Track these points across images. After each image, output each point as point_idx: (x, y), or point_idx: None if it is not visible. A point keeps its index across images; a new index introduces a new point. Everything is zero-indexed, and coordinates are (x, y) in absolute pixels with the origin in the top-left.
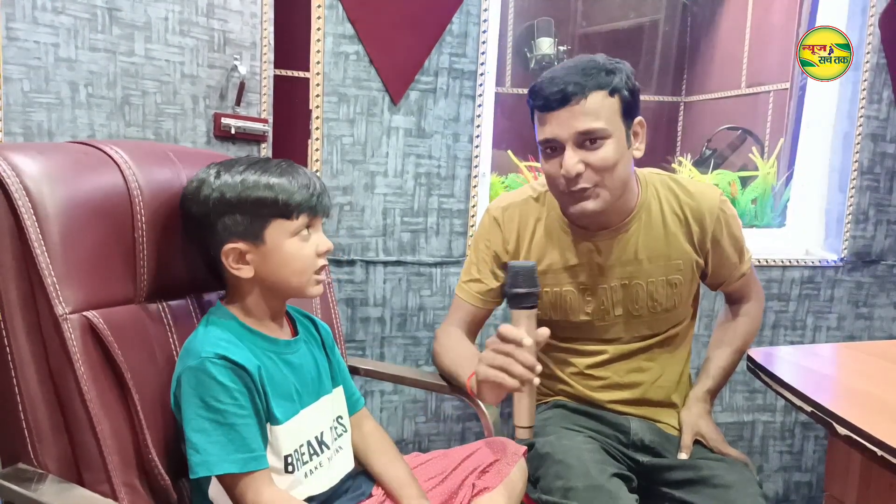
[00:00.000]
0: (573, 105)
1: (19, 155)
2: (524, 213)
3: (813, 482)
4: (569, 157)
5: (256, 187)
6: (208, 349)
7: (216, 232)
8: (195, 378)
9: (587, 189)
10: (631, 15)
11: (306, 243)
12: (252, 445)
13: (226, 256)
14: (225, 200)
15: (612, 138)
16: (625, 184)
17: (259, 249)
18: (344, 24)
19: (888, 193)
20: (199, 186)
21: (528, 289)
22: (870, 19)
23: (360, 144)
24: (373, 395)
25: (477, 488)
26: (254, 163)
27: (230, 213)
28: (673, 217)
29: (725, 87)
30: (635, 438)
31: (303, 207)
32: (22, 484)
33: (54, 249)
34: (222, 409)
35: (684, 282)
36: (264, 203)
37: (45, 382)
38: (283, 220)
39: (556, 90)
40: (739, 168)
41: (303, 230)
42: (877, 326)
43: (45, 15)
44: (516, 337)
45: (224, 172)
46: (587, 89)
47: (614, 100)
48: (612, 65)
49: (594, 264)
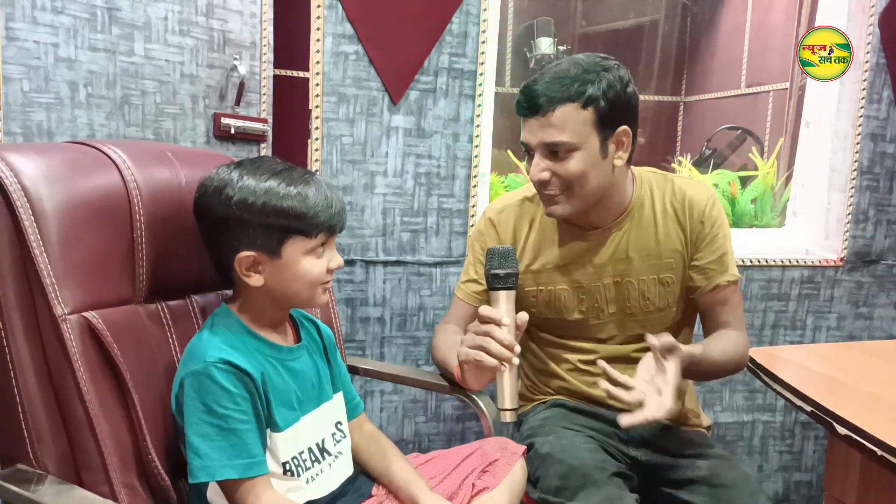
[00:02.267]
0: (540, 116)
1: (18, 155)
2: (519, 214)
3: (813, 482)
4: (535, 165)
5: (280, 200)
6: (213, 353)
7: (233, 236)
8: (199, 382)
9: (555, 195)
10: (631, 15)
11: (320, 260)
12: (253, 451)
13: (239, 263)
14: (247, 206)
15: (579, 151)
16: (600, 191)
17: (274, 262)
18: (343, 24)
19: (888, 193)
20: (223, 187)
21: (506, 269)
22: (870, 19)
23: (359, 144)
24: (373, 395)
25: (477, 488)
26: (278, 172)
27: (250, 221)
28: (664, 216)
29: (725, 86)
30: (634, 434)
31: (323, 227)
32: (21, 485)
33: (53, 250)
34: (225, 415)
35: (676, 280)
36: (287, 218)
37: (44, 383)
38: (302, 237)
39: (527, 99)
40: (739, 168)
41: (319, 248)
42: (877, 326)
43: (45, 15)
44: (494, 317)
45: (248, 176)
46: (555, 102)
47: (587, 112)
48: (593, 75)
49: (587, 263)
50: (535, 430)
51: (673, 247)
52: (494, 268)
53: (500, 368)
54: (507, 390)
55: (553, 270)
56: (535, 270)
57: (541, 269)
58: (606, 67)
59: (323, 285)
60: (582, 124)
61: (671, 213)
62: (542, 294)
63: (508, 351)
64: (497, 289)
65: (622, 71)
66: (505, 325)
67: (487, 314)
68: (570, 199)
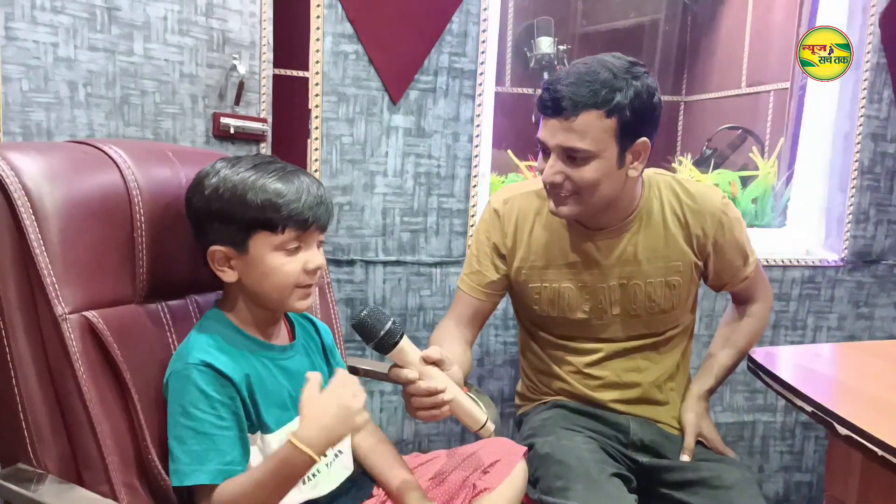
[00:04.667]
0: (563, 119)
1: (19, 154)
2: (524, 207)
3: (813, 482)
4: (549, 166)
5: (246, 191)
6: (195, 355)
7: (207, 229)
8: (179, 383)
9: (564, 196)
10: (631, 14)
11: (292, 258)
12: (227, 457)
13: (211, 257)
14: (216, 197)
15: (597, 159)
16: (609, 199)
17: (242, 258)
18: (343, 24)
19: (888, 193)
20: (201, 179)
21: (382, 328)
22: (870, 19)
23: (359, 144)
24: (373, 395)
25: (478, 489)
26: (256, 165)
27: (218, 213)
28: (674, 219)
29: (726, 86)
30: (635, 438)
31: (290, 222)
32: (21, 484)
33: (53, 249)
34: (200, 418)
35: (683, 283)
36: (250, 210)
37: (44, 382)
38: (268, 232)
39: (552, 98)
40: (740, 168)
41: (290, 244)
42: (877, 326)
43: (44, 14)
44: (404, 379)
45: (226, 169)
46: (580, 107)
47: (610, 121)
48: (622, 81)
49: (593, 263)
50: (536, 430)
51: (681, 249)
52: (370, 336)
53: (443, 414)
54: (468, 416)
55: (558, 268)
56: (540, 267)
57: (546, 266)
58: (636, 75)
59: (301, 288)
60: (603, 132)
61: (680, 215)
62: (545, 291)
63: (435, 394)
64: (389, 350)
65: (650, 79)
66: (414, 379)
67: (396, 378)
68: (578, 203)
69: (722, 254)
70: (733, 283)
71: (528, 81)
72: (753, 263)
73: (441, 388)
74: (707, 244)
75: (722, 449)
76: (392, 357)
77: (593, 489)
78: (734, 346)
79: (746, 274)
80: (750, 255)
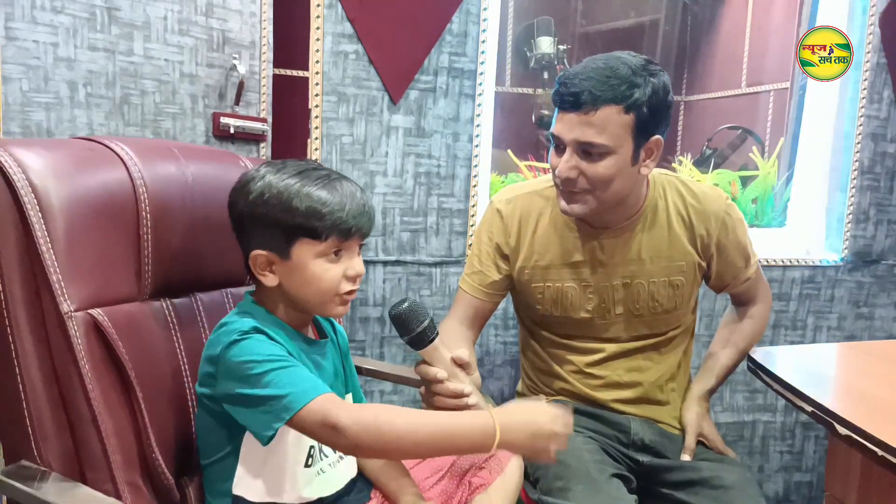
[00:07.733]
0: (582, 113)
1: (25, 150)
2: (527, 206)
3: (813, 482)
4: (565, 161)
5: (291, 197)
6: (247, 326)
7: (250, 233)
8: (239, 349)
9: (577, 193)
10: (631, 14)
11: (335, 265)
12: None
13: (253, 261)
14: (261, 202)
15: (613, 155)
16: (621, 196)
17: (284, 263)
18: (343, 24)
19: (889, 193)
20: (246, 183)
21: (421, 324)
22: (870, 19)
23: (359, 144)
24: (373, 395)
25: (474, 485)
26: (301, 171)
27: (262, 218)
28: (678, 219)
29: (726, 86)
30: (635, 438)
31: (333, 230)
32: (25, 482)
33: (59, 246)
34: (280, 356)
35: (686, 283)
36: (294, 217)
37: (49, 380)
38: (311, 239)
39: (571, 92)
40: (740, 167)
41: (332, 251)
42: (877, 326)
43: (44, 14)
44: (433, 377)
45: (272, 174)
46: (600, 101)
47: (628, 117)
48: (641, 78)
49: (597, 262)
50: None
51: (685, 250)
52: (407, 331)
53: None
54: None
55: (562, 267)
56: (543, 266)
57: (549, 265)
58: (653, 72)
59: (340, 295)
60: (621, 128)
61: (685, 215)
62: (548, 290)
63: (461, 397)
64: (422, 348)
65: (665, 77)
66: (443, 379)
67: (424, 375)
68: (590, 200)
69: (725, 255)
70: (735, 284)
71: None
72: (755, 265)
73: (468, 391)
74: (711, 245)
75: (722, 449)
76: (423, 353)
77: (593, 489)
78: (734, 346)
79: (748, 275)
80: (751, 256)
